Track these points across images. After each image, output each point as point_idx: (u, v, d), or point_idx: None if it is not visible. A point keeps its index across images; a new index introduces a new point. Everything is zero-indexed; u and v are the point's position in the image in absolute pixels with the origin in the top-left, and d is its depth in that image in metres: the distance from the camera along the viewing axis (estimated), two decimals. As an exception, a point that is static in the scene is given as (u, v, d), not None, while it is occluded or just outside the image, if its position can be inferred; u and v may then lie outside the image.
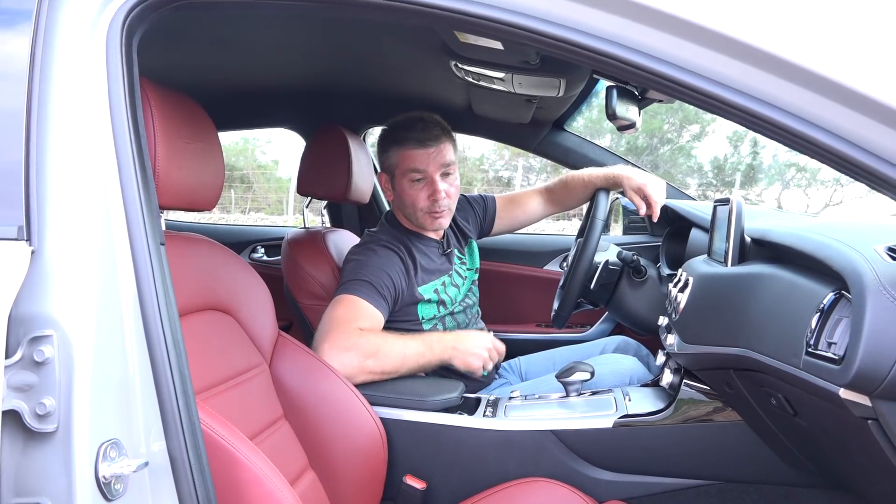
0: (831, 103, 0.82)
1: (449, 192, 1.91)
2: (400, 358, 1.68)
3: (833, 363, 0.89)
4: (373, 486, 1.53)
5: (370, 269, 1.80)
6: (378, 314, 1.75)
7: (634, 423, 1.54)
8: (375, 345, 1.66)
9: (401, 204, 1.95)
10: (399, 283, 1.83)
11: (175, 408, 0.90)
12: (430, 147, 1.87)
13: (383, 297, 1.78)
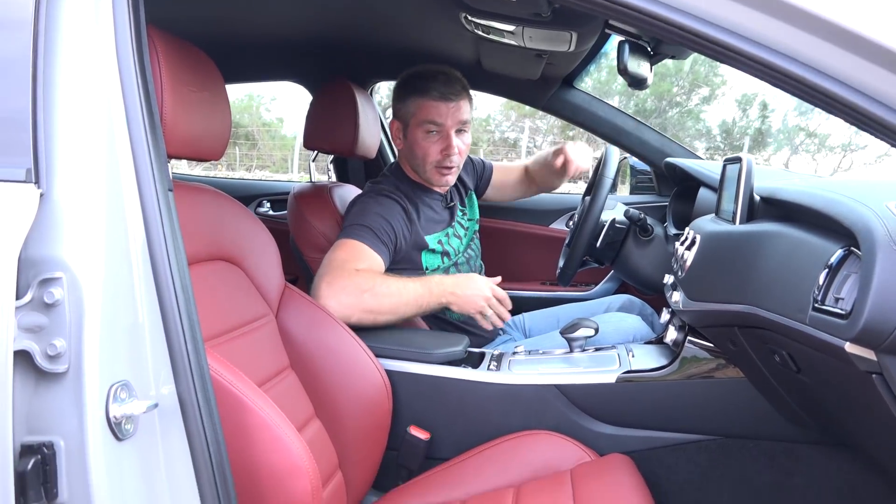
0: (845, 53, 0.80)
1: (461, 150, 1.90)
2: (397, 296, 1.66)
3: (839, 318, 0.89)
4: (377, 436, 1.55)
5: (371, 216, 1.80)
6: (378, 258, 1.74)
7: (637, 378, 1.55)
8: (372, 282, 1.65)
9: (410, 154, 1.94)
10: (400, 230, 1.83)
11: (184, 352, 0.91)
12: (451, 101, 1.85)
13: (384, 243, 1.77)
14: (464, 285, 1.72)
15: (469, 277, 1.75)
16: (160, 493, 0.88)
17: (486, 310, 1.72)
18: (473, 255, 2.05)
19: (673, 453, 1.54)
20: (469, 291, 1.71)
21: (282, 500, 1.05)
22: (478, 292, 1.71)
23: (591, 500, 1.30)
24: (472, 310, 1.72)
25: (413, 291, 1.69)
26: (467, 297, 1.71)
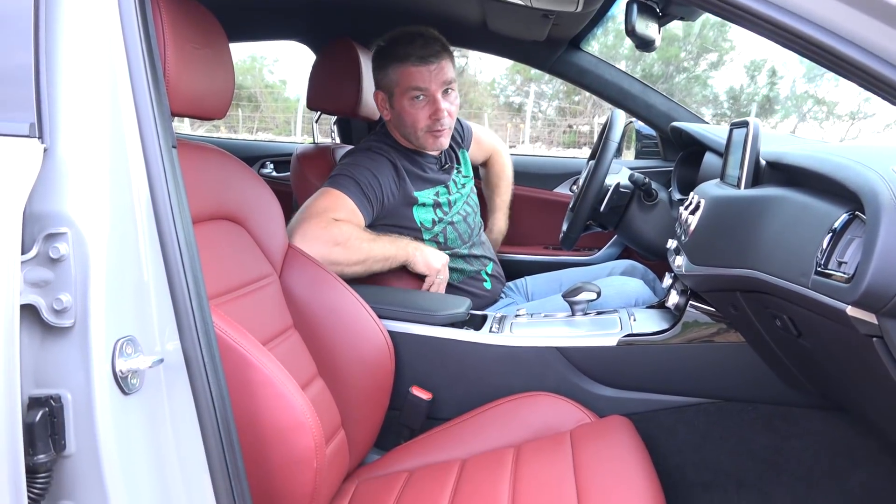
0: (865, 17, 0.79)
1: (450, 111, 1.88)
2: (367, 251, 1.71)
3: (842, 282, 0.89)
4: (379, 396, 1.57)
5: (359, 169, 1.79)
6: (359, 214, 1.76)
7: (638, 341, 1.56)
8: (345, 235, 1.69)
9: (400, 123, 1.91)
10: (388, 187, 1.83)
11: (189, 309, 0.92)
12: (432, 64, 1.83)
13: (367, 198, 1.78)
14: (426, 249, 1.84)
15: (434, 252, 1.87)
16: (166, 446, 0.89)
17: (435, 274, 1.84)
18: (471, 212, 2.03)
19: (672, 415, 1.55)
20: (429, 254, 1.83)
21: (285, 455, 1.07)
22: (437, 258, 1.84)
23: (591, 460, 1.32)
24: (433, 267, 1.83)
25: (381, 246, 1.75)
26: (428, 257, 1.82)
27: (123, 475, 0.84)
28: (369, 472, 1.52)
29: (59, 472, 0.84)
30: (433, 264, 1.83)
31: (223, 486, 0.91)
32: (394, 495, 1.36)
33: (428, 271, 1.83)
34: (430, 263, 1.82)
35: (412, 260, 1.80)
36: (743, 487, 1.53)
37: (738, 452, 1.53)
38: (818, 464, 1.49)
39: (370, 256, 1.72)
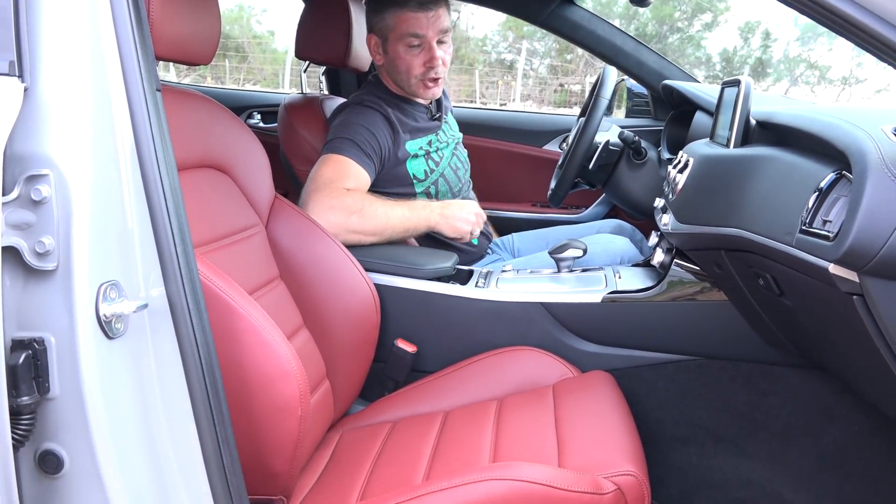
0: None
1: (445, 60, 1.87)
2: (384, 218, 1.70)
3: (826, 240, 0.90)
4: (365, 348, 1.58)
5: (355, 128, 1.78)
6: (364, 173, 1.75)
7: (622, 298, 1.58)
8: (360, 203, 1.68)
9: (393, 70, 1.89)
10: (384, 141, 1.82)
11: (174, 255, 0.91)
12: (430, 10, 1.80)
13: (369, 157, 1.77)
14: (451, 206, 1.80)
15: (457, 204, 1.83)
16: (151, 391, 0.89)
17: (475, 228, 1.83)
18: (461, 167, 2.03)
19: (653, 372, 1.58)
20: (456, 212, 1.80)
21: (270, 403, 1.08)
22: (466, 210, 1.80)
23: (572, 413, 1.34)
24: (463, 228, 1.80)
25: (400, 213, 1.73)
26: (455, 216, 1.79)
27: (108, 419, 0.84)
28: (353, 423, 1.54)
29: (44, 415, 0.84)
30: (460, 226, 1.79)
31: (208, 432, 0.91)
32: (377, 445, 1.38)
33: (455, 234, 1.80)
34: (456, 226, 1.79)
35: (436, 227, 1.78)
36: (720, 442, 1.56)
37: (716, 408, 1.56)
38: (794, 420, 1.52)
39: (388, 224, 1.71)
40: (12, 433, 0.79)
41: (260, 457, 1.08)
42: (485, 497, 1.06)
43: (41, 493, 0.87)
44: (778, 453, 1.53)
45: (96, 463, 0.84)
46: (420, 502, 1.08)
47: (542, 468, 1.09)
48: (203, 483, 0.91)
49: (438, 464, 1.25)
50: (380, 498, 1.12)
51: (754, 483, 1.54)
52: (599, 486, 1.07)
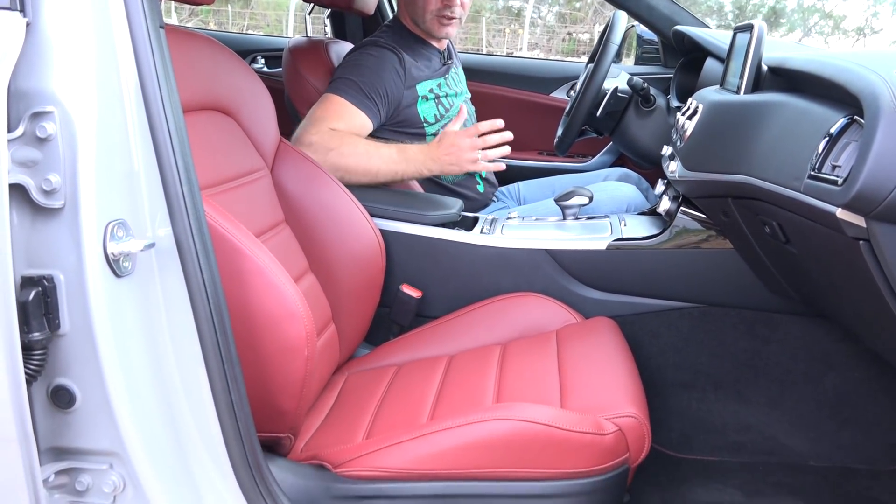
0: None
1: (464, 3, 1.86)
2: (365, 157, 1.67)
3: (834, 185, 0.89)
4: (370, 293, 1.59)
5: (362, 70, 1.77)
6: (361, 116, 1.74)
7: (627, 246, 1.58)
8: (338, 141, 1.66)
9: (410, 3, 1.89)
10: (392, 84, 1.80)
11: (180, 195, 0.91)
12: None
13: (371, 100, 1.75)
14: (441, 149, 1.70)
15: (440, 139, 1.71)
16: (159, 329, 0.91)
17: (475, 157, 1.70)
18: (469, 121, 2.02)
19: (656, 318, 1.59)
20: (448, 154, 1.70)
21: (277, 344, 1.09)
22: (454, 149, 1.69)
23: (575, 358, 1.36)
24: (466, 167, 1.71)
25: (386, 155, 1.69)
26: (450, 158, 1.70)
27: (118, 355, 0.86)
28: (359, 366, 1.56)
29: (55, 351, 0.86)
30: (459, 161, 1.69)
31: (216, 370, 0.93)
32: (382, 387, 1.40)
33: (458, 170, 1.72)
34: (455, 163, 1.70)
35: (433, 171, 1.73)
36: (720, 388, 1.58)
37: (717, 355, 1.57)
38: (794, 367, 1.54)
39: (371, 163, 1.68)
40: (25, 368, 0.80)
41: (267, 396, 1.10)
42: (488, 436, 1.08)
43: (55, 427, 0.89)
44: (777, 399, 1.56)
45: (108, 398, 0.86)
46: (425, 441, 1.10)
47: (544, 409, 1.11)
48: (213, 419, 0.93)
49: (443, 405, 1.28)
50: (385, 436, 1.15)
51: (752, 428, 1.57)
52: (601, 426, 1.09)
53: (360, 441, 1.21)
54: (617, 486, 1.12)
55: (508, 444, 1.07)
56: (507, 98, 2.75)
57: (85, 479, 0.91)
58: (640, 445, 1.15)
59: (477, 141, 1.68)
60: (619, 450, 1.11)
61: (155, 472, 0.90)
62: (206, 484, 0.95)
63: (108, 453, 0.90)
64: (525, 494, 1.09)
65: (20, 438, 0.80)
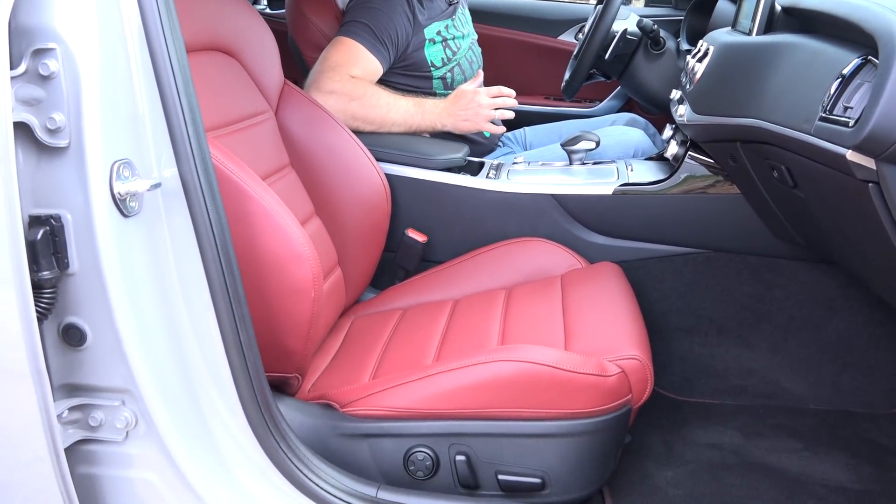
0: None
1: None
2: (385, 109, 1.70)
3: (845, 126, 0.88)
4: (375, 237, 1.59)
5: (374, 14, 1.74)
6: (375, 62, 1.73)
7: (634, 191, 1.57)
8: (363, 90, 1.67)
9: None
10: (402, 28, 1.78)
11: (185, 135, 0.90)
12: None
13: (383, 44, 1.74)
14: (458, 105, 1.75)
15: (457, 96, 1.77)
16: (167, 269, 0.91)
17: (491, 115, 1.76)
18: (475, 60, 1.99)
19: (661, 264, 1.59)
20: (465, 110, 1.75)
21: (283, 286, 1.10)
22: (473, 105, 1.75)
23: (580, 302, 1.37)
24: (480, 123, 1.76)
25: (404, 109, 1.73)
26: (466, 114, 1.75)
27: (127, 294, 0.86)
28: (364, 310, 1.57)
29: (65, 290, 0.87)
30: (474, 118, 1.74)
31: (224, 310, 0.94)
32: (388, 330, 1.42)
33: (472, 128, 1.77)
34: (470, 119, 1.75)
35: (446, 126, 1.76)
36: (723, 333, 1.59)
37: (721, 300, 1.58)
38: (798, 313, 1.55)
39: (389, 115, 1.71)
40: (36, 306, 0.81)
41: (275, 336, 1.11)
42: (492, 377, 1.10)
43: (67, 365, 0.90)
44: (779, 344, 1.57)
45: (118, 336, 0.87)
46: (430, 381, 1.11)
47: (548, 351, 1.12)
48: (222, 358, 0.95)
49: (448, 347, 1.29)
50: (391, 376, 1.16)
51: (754, 372, 1.59)
52: (604, 368, 1.11)
53: (366, 382, 1.22)
54: (619, 426, 1.14)
55: (512, 385, 1.09)
56: (513, 41, 2.70)
57: (98, 414, 0.93)
58: (642, 387, 1.16)
59: (495, 101, 1.75)
60: (621, 391, 1.12)
61: (166, 408, 0.92)
62: (216, 421, 0.97)
63: (120, 390, 0.91)
64: (529, 434, 1.11)
65: (33, 374, 0.82)
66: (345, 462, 1.10)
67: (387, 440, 1.12)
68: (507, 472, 1.12)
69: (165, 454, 0.94)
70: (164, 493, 0.97)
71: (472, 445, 1.11)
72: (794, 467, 1.37)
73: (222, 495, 0.98)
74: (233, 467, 0.99)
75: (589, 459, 1.13)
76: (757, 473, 1.35)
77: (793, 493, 1.29)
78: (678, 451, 1.42)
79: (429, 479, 1.12)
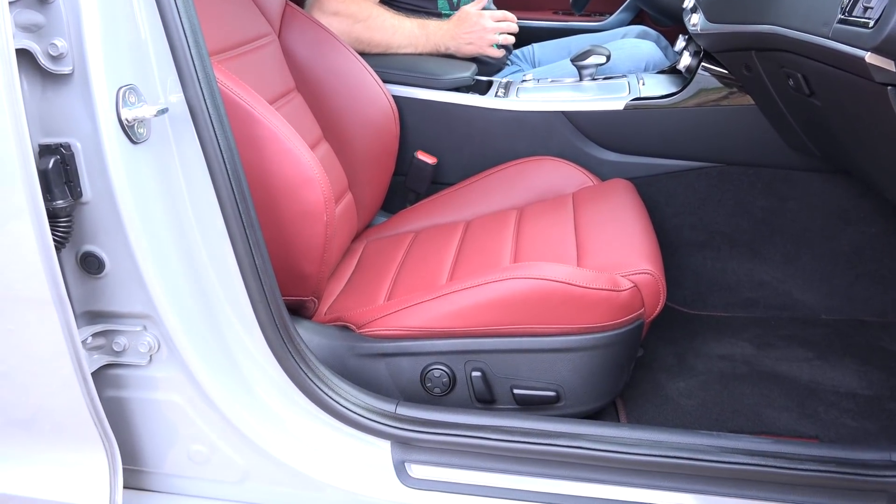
0: None
1: None
2: (391, 32, 1.67)
3: (865, 28, 0.85)
4: (385, 161, 1.58)
5: None
6: None
7: (646, 105, 1.54)
8: (368, 12, 1.65)
9: None
10: None
11: (189, 60, 0.89)
12: None
13: None
14: (461, 28, 1.72)
15: (461, 18, 1.74)
16: (179, 195, 0.92)
17: (495, 40, 1.74)
18: None
19: (673, 179, 1.58)
20: (469, 33, 1.72)
21: (296, 209, 1.10)
22: (477, 28, 1.73)
23: (592, 219, 1.36)
24: (484, 47, 1.74)
25: (409, 31, 1.70)
26: (470, 37, 1.73)
27: (141, 221, 0.87)
28: (377, 233, 1.58)
29: (80, 219, 0.88)
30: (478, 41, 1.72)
31: (238, 234, 0.94)
32: (401, 252, 1.43)
33: (477, 50, 1.74)
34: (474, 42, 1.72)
35: (450, 49, 1.73)
36: (735, 246, 1.59)
37: (734, 214, 1.57)
38: (811, 224, 1.54)
39: (394, 38, 1.68)
40: (52, 235, 0.82)
41: (290, 260, 1.12)
42: (506, 294, 1.11)
43: (88, 292, 0.92)
44: (792, 255, 1.57)
45: (135, 263, 0.88)
46: (445, 300, 1.13)
47: (561, 267, 1.13)
48: (238, 282, 0.96)
49: (461, 267, 1.30)
50: (406, 297, 1.18)
51: (766, 284, 1.59)
52: (617, 283, 1.11)
53: (381, 303, 1.24)
54: (632, 339, 1.16)
55: (526, 301, 1.10)
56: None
57: (121, 340, 0.95)
58: (654, 301, 1.17)
59: (499, 25, 1.74)
60: (634, 305, 1.13)
61: (186, 332, 0.94)
62: (235, 343, 0.99)
63: (141, 315, 0.93)
64: (543, 349, 1.12)
65: (55, 302, 0.83)
66: (363, 381, 1.12)
67: (404, 359, 1.15)
68: (523, 387, 1.14)
69: (189, 376, 0.97)
70: (190, 412, 1.00)
71: (487, 361, 1.13)
72: (805, 375, 1.39)
73: (246, 414, 1.01)
74: (255, 387, 1.02)
75: (602, 372, 1.15)
76: (768, 382, 1.37)
77: (803, 400, 1.32)
78: (690, 363, 1.44)
79: (446, 395, 1.15)
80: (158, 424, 1.02)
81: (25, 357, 0.92)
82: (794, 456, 0.96)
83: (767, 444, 0.98)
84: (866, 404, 1.31)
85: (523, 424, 1.02)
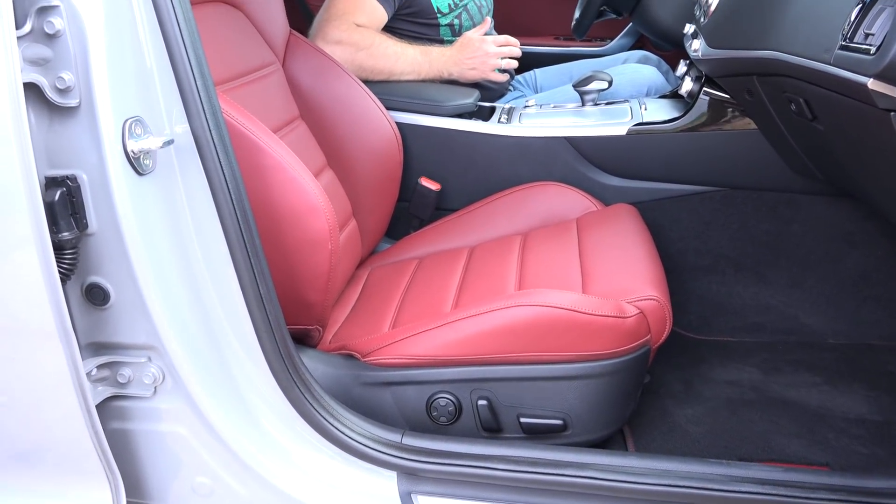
0: None
1: None
2: (393, 59, 1.69)
3: (867, 54, 0.86)
4: (389, 187, 1.59)
5: None
6: (379, 9, 1.70)
7: (648, 130, 1.55)
8: (370, 40, 1.66)
9: None
10: None
11: (195, 91, 0.89)
12: None
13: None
14: (464, 53, 1.74)
15: (464, 44, 1.76)
16: (185, 225, 0.92)
17: (498, 64, 1.76)
18: (483, 4, 1.95)
19: (677, 204, 1.58)
20: (472, 58, 1.74)
21: (300, 237, 1.10)
22: (479, 54, 1.75)
23: (596, 245, 1.36)
24: (487, 72, 1.76)
25: (412, 58, 1.72)
26: (473, 62, 1.75)
27: (147, 252, 0.87)
28: (381, 260, 1.58)
29: (86, 250, 0.88)
30: (480, 66, 1.75)
31: (243, 264, 0.94)
32: (405, 279, 1.42)
33: (480, 76, 1.77)
34: (477, 67, 1.75)
35: (453, 76, 1.75)
36: (740, 270, 1.59)
37: (739, 238, 1.57)
38: (816, 248, 1.53)
39: (397, 65, 1.70)
40: (58, 267, 0.82)
41: (294, 289, 1.12)
42: (512, 322, 1.10)
43: (93, 324, 0.92)
44: (798, 279, 1.56)
45: (140, 294, 0.88)
46: (450, 328, 1.12)
47: (566, 294, 1.12)
48: (243, 312, 0.96)
49: (466, 294, 1.29)
50: (411, 325, 1.17)
51: (772, 308, 1.59)
52: (623, 310, 1.11)
53: (386, 331, 1.24)
54: (638, 366, 1.15)
55: (532, 329, 1.09)
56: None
57: (126, 371, 0.94)
58: (661, 327, 1.17)
59: (501, 50, 1.76)
60: (640, 332, 1.12)
61: (191, 363, 0.94)
62: (240, 373, 0.99)
63: (146, 347, 0.93)
64: (549, 377, 1.12)
65: (60, 334, 0.83)
66: (369, 410, 1.12)
67: (409, 387, 1.14)
68: (529, 415, 1.13)
69: (193, 407, 0.96)
70: (195, 444, 0.99)
71: (493, 390, 1.12)
72: (813, 401, 1.38)
73: (251, 445, 1.00)
74: (260, 418, 1.01)
75: (609, 400, 1.14)
76: (776, 408, 1.36)
77: (813, 426, 1.30)
78: (697, 389, 1.43)
79: (452, 423, 1.14)
80: (162, 456, 1.01)
81: (29, 388, 0.91)
82: (805, 484, 0.95)
83: (778, 473, 0.97)
84: (876, 430, 1.30)
85: (530, 454, 1.01)
